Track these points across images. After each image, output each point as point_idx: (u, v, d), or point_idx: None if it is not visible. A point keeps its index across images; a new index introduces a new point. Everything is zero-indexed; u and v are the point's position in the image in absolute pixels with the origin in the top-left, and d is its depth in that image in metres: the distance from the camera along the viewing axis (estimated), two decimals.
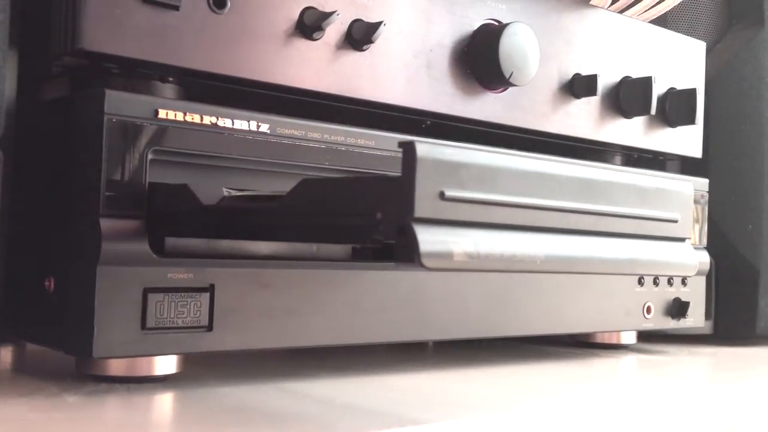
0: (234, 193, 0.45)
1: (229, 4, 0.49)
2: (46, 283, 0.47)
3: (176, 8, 0.47)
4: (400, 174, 0.31)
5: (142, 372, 0.48)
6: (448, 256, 0.31)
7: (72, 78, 0.49)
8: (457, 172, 0.32)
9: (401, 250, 0.31)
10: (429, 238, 0.31)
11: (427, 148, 0.31)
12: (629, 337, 0.79)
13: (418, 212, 0.31)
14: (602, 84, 0.70)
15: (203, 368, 0.54)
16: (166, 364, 0.49)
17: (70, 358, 0.48)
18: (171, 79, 0.49)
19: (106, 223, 0.43)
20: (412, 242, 0.31)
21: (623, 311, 0.72)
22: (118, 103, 0.44)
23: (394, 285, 0.55)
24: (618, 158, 0.79)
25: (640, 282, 0.73)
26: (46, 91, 0.50)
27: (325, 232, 0.36)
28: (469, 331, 0.60)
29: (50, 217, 0.47)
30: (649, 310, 0.74)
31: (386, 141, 0.55)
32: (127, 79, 0.48)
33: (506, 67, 0.60)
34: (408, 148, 0.31)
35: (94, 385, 0.47)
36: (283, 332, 0.50)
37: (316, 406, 0.46)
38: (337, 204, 0.35)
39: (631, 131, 0.74)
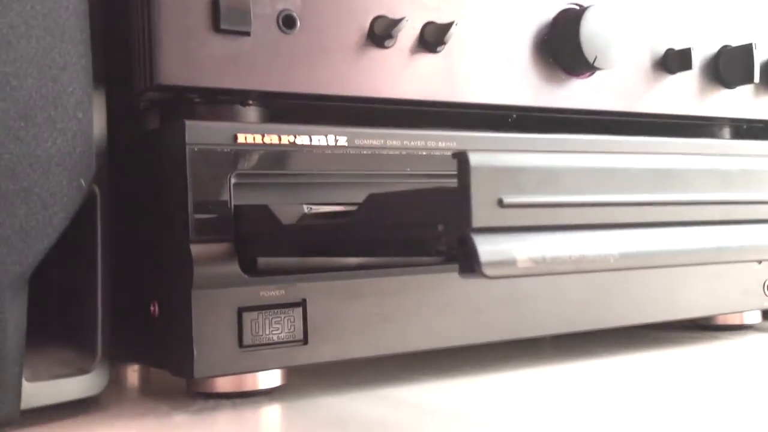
0: (314, 209, 0.46)
1: (298, 23, 0.50)
2: (152, 308, 0.50)
3: (248, 34, 0.48)
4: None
5: (248, 387, 0.50)
6: (511, 263, 0.31)
7: (160, 111, 0.52)
8: (515, 178, 0.32)
9: (463, 262, 0.31)
10: (490, 248, 0.31)
11: (480, 156, 0.31)
12: (753, 317, 0.75)
13: (477, 222, 0.31)
14: (699, 56, 0.67)
15: (307, 379, 0.55)
16: (269, 379, 0.50)
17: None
18: (251, 102, 0.51)
19: (196, 248, 0.45)
20: (472, 253, 0.30)
21: (740, 291, 0.69)
22: (199, 132, 0.46)
23: (487, 284, 0.54)
24: (726, 131, 0.75)
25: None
26: (138, 125, 0.53)
27: (393, 245, 0.36)
28: (570, 324, 0.59)
29: (150, 245, 0.50)
30: None
31: (467, 141, 0.55)
32: (210, 106, 0.50)
33: (589, 51, 0.59)
34: (461, 159, 0.31)
35: (203, 402, 0.49)
36: (377, 340, 0.51)
37: (413, 413, 0.46)
38: (402, 217, 0.35)
39: (736, 102, 0.70)
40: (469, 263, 0.31)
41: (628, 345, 0.66)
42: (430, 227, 0.33)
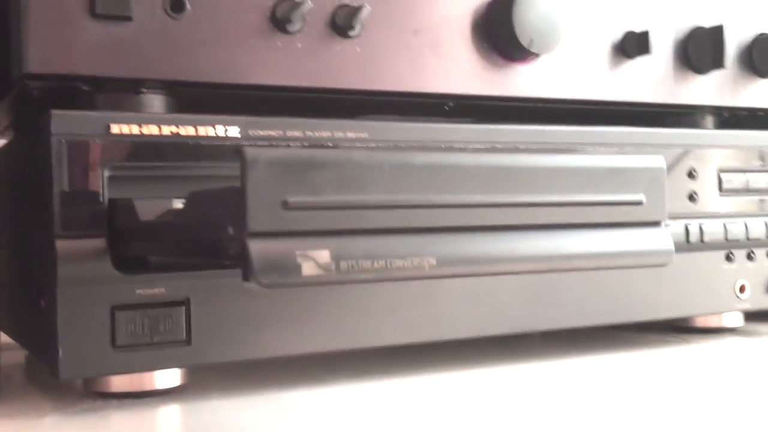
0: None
1: (188, 7, 0.47)
2: (42, 302, 0.48)
3: (129, 18, 0.46)
4: None
5: (144, 387, 0.48)
6: (293, 271, 0.28)
7: (53, 99, 0.50)
8: (306, 176, 0.29)
9: (243, 269, 0.29)
10: (268, 254, 0.28)
11: (263, 152, 0.29)
12: (733, 320, 0.70)
13: (254, 225, 0.28)
14: (664, 39, 0.63)
15: (209, 378, 0.53)
16: (167, 378, 0.48)
17: None
18: (144, 91, 0.49)
19: (62, 244, 0.43)
20: (247, 260, 0.28)
21: (710, 292, 0.64)
22: (68, 122, 0.44)
23: (400, 283, 0.51)
24: (708, 120, 0.70)
25: (729, 258, 0.65)
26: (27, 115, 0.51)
27: (197, 248, 0.34)
28: (505, 325, 0.55)
29: (35, 238, 0.48)
30: (743, 289, 0.65)
31: (379, 131, 0.51)
32: (111, 95, 0.48)
33: (523, 35, 0.55)
34: (241, 155, 0.29)
35: (91, 402, 0.48)
36: (270, 341, 0.48)
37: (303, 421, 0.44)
38: (207, 217, 0.33)
39: (711, 89, 0.65)
40: (244, 271, 0.28)
41: (599, 346, 0.62)
42: (223, 230, 0.30)
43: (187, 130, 0.46)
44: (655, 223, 0.35)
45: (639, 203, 0.34)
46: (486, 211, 0.32)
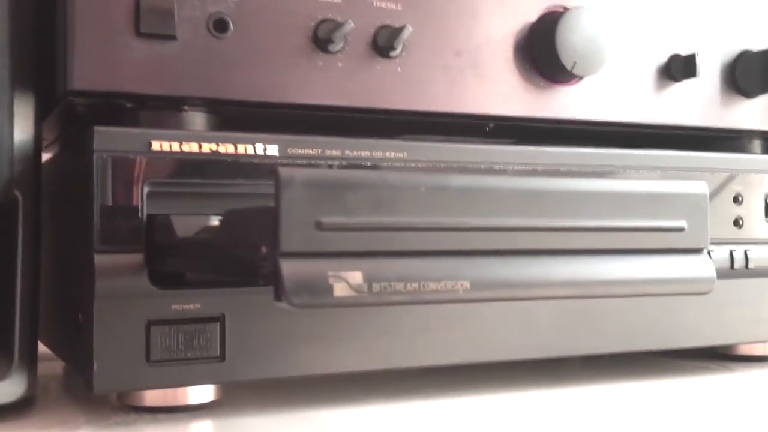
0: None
1: (231, 27, 0.48)
2: (79, 315, 0.49)
3: (173, 38, 0.46)
4: None
5: (178, 402, 0.48)
6: (324, 292, 0.28)
7: (95, 116, 0.51)
8: (340, 198, 0.29)
9: (275, 289, 0.29)
10: (300, 274, 0.28)
11: (298, 172, 0.29)
12: None
13: (286, 246, 0.28)
14: (711, 62, 0.62)
15: (242, 395, 0.53)
16: (200, 394, 0.48)
17: None
18: (187, 108, 0.49)
19: (101, 258, 0.44)
20: (278, 280, 0.28)
21: (751, 319, 0.62)
22: (109, 138, 0.45)
23: (439, 306, 0.51)
24: (755, 145, 0.68)
25: None
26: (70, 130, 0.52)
27: (232, 267, 0.34)
28: (542, 349, 0.55)
29: (75, 252, 0.49)
30: None
31: (419, 151, 0.51)
32: (153, 113, 0.49)
33: (566, 57, 0.54)
34: (275, 175, 0.29)
35: (124, 416, 0.48)
36: (305, 360, 0.48)
37: None
38: (239, 235, 0.33)
39: (758, 112, 0.64)
40: (276, 290, 0.28)
41: (639, 372, 0.61)
42: (257, 249, 0.30)
43: (226, 148, 0.47)
44: (698, 250, 0.35)
45: (681, 229, 0.34)
46: (522, 235, 0.31)
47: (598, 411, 0.51)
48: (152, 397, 0.48)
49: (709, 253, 0.36)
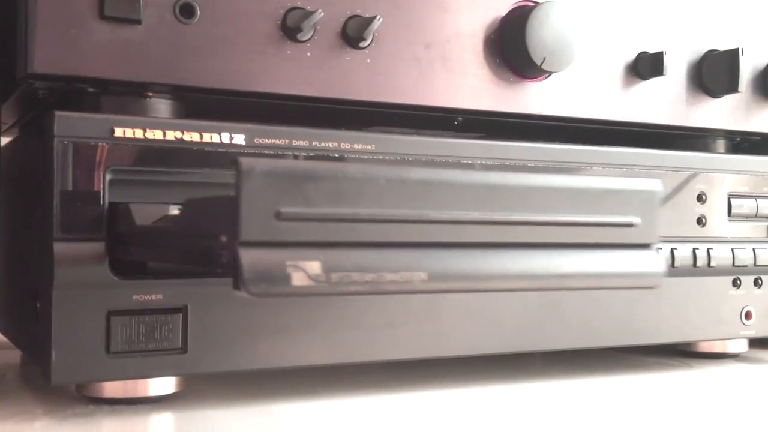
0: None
1: (198, 12, 0.47)
2: (37, 304, 0.48)
3: (138, 22, 0.45)
4: None
5: (138, 393, 0.48)
6: (282, 281, 0.28)
7: (59, 101, 0.50)
8: (301, 188, 0.28)
9: (234, 277, 0.28)
10: (259, 264, 0.28)
11: (258, 162, 0.28)
12: (737, 346, 0.69)
13: (245, 235, 0.27)
14: (678, 61, 0.62)
15: (203, 386, 0.52)
16: (161, 385, 0.48)
17: None
18: (151, 95, 0.48)
19: (60, 246, 0.43)
20: (237, 268, 0.27)
21: (714, 318, 0.63)
22: (71, 123, 0.44)
23: (402, 297, 0.51)
24: (720, 143, 0.69)
25: (735, 284, 0.64)
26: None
27: (189, 255, 0.33)
28: (505, 344, 0.55)
29: (32, 239, 0.48)
30: (748, 316, 0.65)
31: (387, 143, 0.51)
32: (117, 98, 0.48)
33: (536, 53, 0.54)
34: (236, 165, 0.28)
35: (83, 407, 0.47)
36: (268, 352, 0.47)
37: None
38: (202, 225, 0.32)
39: (724, 112, 0.64)
40: (234, 279, 0.28)
41: (600, 368, 0.62)
42: (216, 238, 0.30)
43: (192, 136, 0.46)
44: (646, 246, 0.35)
45: (631, 225, 0.34)
46: (478, 228, 0.31)
47: (560, 406, 0.51)
48: (112, 388, 0.47)
49: (658, 249, 0.36)
